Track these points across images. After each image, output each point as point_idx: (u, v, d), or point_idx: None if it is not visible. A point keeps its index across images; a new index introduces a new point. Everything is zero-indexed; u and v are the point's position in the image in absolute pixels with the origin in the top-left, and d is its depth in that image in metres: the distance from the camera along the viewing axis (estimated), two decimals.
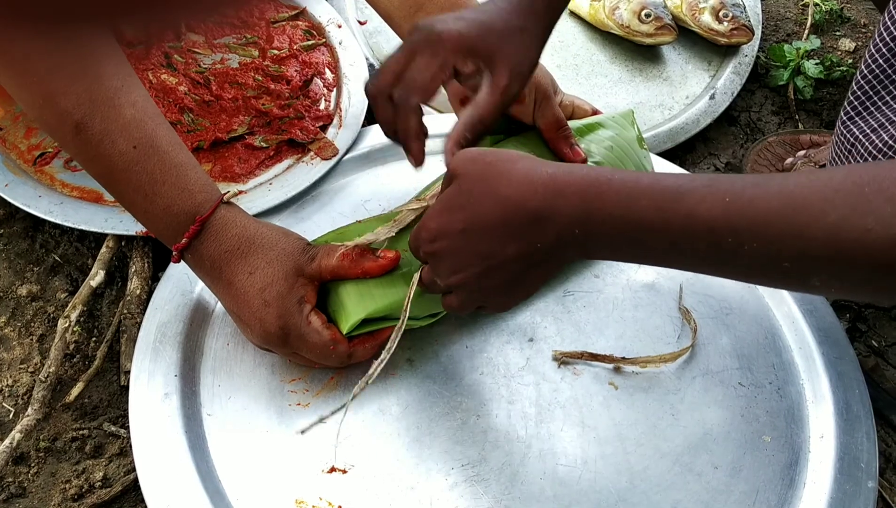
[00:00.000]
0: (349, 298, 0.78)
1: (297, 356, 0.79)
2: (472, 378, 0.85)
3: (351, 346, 0.78)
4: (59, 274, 1.00)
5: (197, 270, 0.79)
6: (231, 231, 0.77)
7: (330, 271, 0.77)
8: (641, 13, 1.28)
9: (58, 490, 0.84)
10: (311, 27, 1.21)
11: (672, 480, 0.80)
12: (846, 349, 0.92)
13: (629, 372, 0.87)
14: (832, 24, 1.49)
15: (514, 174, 0.66)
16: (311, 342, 0.76)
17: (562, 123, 0.90)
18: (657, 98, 1.28)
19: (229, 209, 0.79)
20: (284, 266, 0.76)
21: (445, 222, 0.69)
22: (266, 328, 0.76)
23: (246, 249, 0.77)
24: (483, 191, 0.67)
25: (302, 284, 0.76)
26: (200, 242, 0.77)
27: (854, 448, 0.83)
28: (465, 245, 0.68)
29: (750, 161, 1.24)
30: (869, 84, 0.90)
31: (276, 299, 0.75)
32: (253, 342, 0.80)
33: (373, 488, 0.77)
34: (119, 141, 0.74)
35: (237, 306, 0.77)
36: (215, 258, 0.77)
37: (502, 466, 0.79)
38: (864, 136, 0.90)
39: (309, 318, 0.76)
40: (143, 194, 0.75)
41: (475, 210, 0.67)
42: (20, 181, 0.98)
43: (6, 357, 0.93)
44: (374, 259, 0.78)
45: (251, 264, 0.76)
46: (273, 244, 0.77)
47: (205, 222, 0.76)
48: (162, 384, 0.81)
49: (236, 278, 0.76)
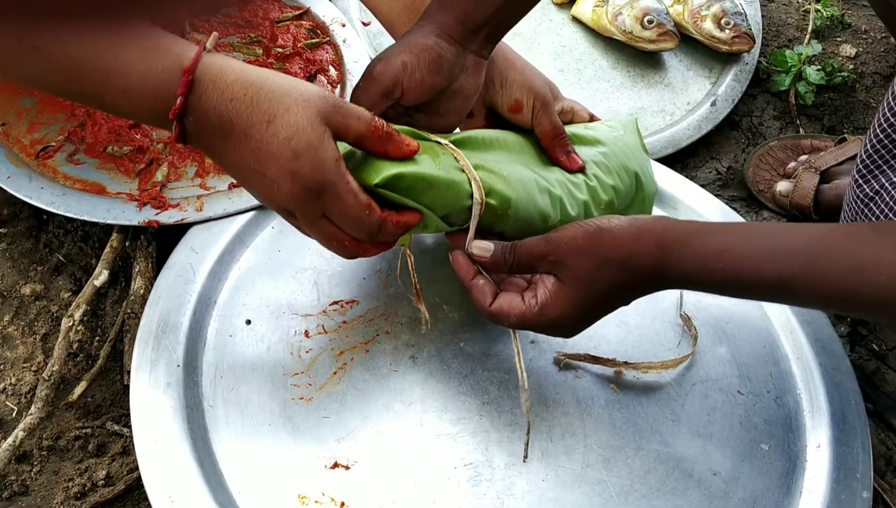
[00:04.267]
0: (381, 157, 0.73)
1: (318, 223, 0.72)
2: (475, 378, 0.86)
3: (383, 215, 0.72)
4: (63, 274, 1.00)
5: (203, 136, 0.69)
6: (229, 77, 0.67)
7: (355, 134, 0.70)
8: (644, 19, 1.29)
9: (60, 489, 0.85)
10: (315, 26, 1.21)
11: (672, 485, 0.81)
12: (842, 360, 0.93)
13: (630, 377, 0.88)
14: (833, 30, 1.49)
15: (621, 242, 0.72)
16: (346, 202, 0.69)
17: (559, 132, 0.90)
18: (659, 104, 1.29)
19: (217, 56, 0.68)
20: (307, 112, 0.68)
21: (562, 306, 0.73)
22: (299, 182, 0.68)
23: (255, 94, 0.67)
24: (591, 268, 0.72)
25: (330, 135, 0.69)
26: (197, 97, 0.66)
27: (850, 459, 0.85)
28: (579, 314, 0.74)
29: (751, 166, 1.25)
30: (888, 137, 0.90)
31: (307, 150, 0.67)
32: (276, 202, 0.71)
33: (376, 485, 0.78)
34: (69, 35, 0.65)
35: (259, 162, 0.68)
36: (221, 111, 0.67)
37: (504, 466, 0.80)
38: (890, 185, 0.90)
39: (347, 176, 0.69)
40: (115, 72, 0.65)
41: (587, 290, 0.72)
42: (22, 174, 0.98)
43: (10, 356, 0.93)
44: (400, 142, 0.72)
45: (266, 110, 0.67)
46: (286, 89, 0.68)
47: (193, 71, 0.66)
48: (164, 374, 0.82)
49: (253, 130, 0.67)
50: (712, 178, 1.26)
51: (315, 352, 0.85)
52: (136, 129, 1.04)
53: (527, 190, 0.82)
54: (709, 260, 0.70)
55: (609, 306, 0.75)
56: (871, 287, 0.65)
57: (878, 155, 0.92)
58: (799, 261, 0.67)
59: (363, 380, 0.84)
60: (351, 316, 0.88)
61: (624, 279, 0.72)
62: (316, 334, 0.87)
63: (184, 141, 0.69)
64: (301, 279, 0.91)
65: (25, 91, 1.06)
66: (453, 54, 0.80)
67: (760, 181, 1.23)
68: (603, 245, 0.72)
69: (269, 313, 0.88)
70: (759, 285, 0.70)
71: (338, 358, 0.85)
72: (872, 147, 0.92)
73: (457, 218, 0.78)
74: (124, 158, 1.01)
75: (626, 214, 0.99)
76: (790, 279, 0.67)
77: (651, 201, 1.02)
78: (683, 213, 1.06)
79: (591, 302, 0.73)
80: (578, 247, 0.72)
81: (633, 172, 0.96)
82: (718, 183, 1.26)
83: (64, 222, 1.03)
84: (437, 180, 0.74)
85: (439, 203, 0.75)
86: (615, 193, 0.94)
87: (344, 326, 0.88)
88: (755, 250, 0.69)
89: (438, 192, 0.74)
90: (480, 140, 0.83)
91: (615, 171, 0.94)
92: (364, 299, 0.90)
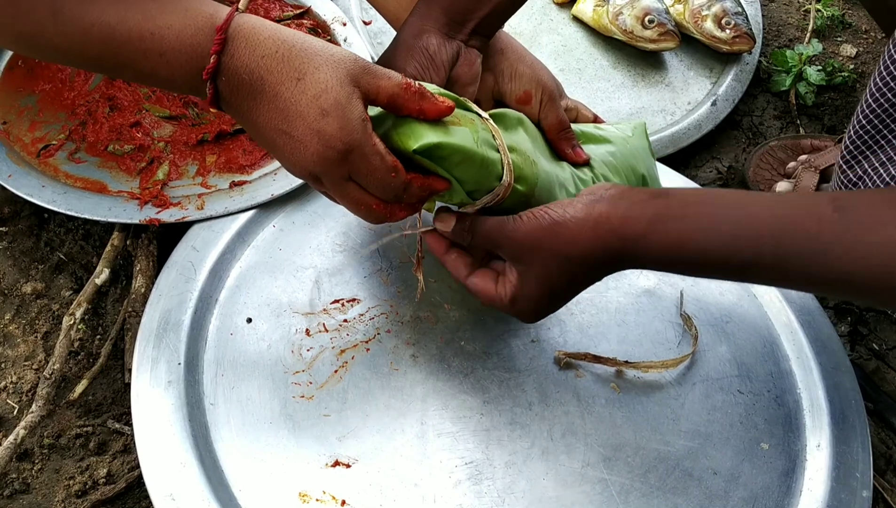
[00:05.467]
0: (420, 122, 0.71)
1: (344, 186, 0.71)
2: (476, 377, 0.86)
3: (409, 177, 0.71)
4: (64, 272, 1.00)
5: (235, 97, 0.68)
6: (262, 34, 0.67)
7: (387, 94, 0.69)
8: (645, 19, 1.29)
9: (61, 487, 0.85)
10: (316, 25, 1.21)
11: (672, 484, 0.81)
12: (842, 359, 0.93)
13: (631, 376, 0.88)
14: (834, 30, 1.50)
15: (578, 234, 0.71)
16: (373, 164, 0.68)
17: (565, 125, 0.91)
18: (659, 103, 1.29)
19: (250, 17, 0.68)
20: (337, 72, 0.67)
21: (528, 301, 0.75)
22: (327, 141, 0.67)
23: (286, 52, 0.67)
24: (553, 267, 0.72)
25: (359, 96, 0.68)
26: (230, 55, 0.66)
27: (849, 458, 0.85)
28: (547, 305, 0.76)
29: (752, 165, 1.25)
30: (871, 123, 0.91)
31: (334, 108, 0.66)
32: (302, 165, 0.70)
33: (376, 483, 0.78)
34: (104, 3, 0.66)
35: (287, 121, 0.67)
36: (252, 68, 0.66)
37: (505, 465, 0.80)
38: (872, 170, 0.91)
39: (373, 137, 0.68)
40: (151, 35, 0.66)
41: (551, 284, 0.73)
42: (24, 172, 0.98)
43: (11, 355, 0.93)
44: (434, 100, 0.71)
45: (297, 68, 0.67)
46: (318, 49, 0.68)
47: (226, 29, 0.66)
48: (165, 372, 0.82)
49: (282, 88, 0.67)
50: (713, 177, 1.27)
51: (316, 350, 0.86)
52: (138, 127, 1.04)
53: (549, 180, 0.82)
54: (672, 251, 0.70)
55: (574, 294, 0.76)
56: (835, 273, 0.67)
57: (861, 141, 0.93)
58: (764, 247, 0.68)
59: (364, 378, 0.84)
60: (352, 315, 0.89)
61: (585, 273, 0.73)
62: (317, 332, 0.87)
63: (217, 104, 0.69)
64: (302, 278, 0.91)
65: (26, 90, 1.06)
66: (445, 49, 0.82)
67: (761, 181, 1.23)
68: (559, 240, 0.71)
69: (270, 312, 0.88)
70: (725, 271, 0.71)
71: (339, 357, 0.85)
72: (856, 133, 0.93)
73: (481, 195, 0.77)
74: (125, 156, 1.01)
75: None
76: (755, 265, 0.69)
77: None
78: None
79: (554, 295, 0.75)
80: (535, 243, 0.72)
81: (641, 174, 0.97)
82: (719, 183, 1.26)
83: (65, 221, 1.03)
84: (474, 156, 0.73)
85: (471, 178, 0.74)
86: None
87: (345, 324, 0.88)
88: (718, 240, 0.69)
89: (472, 167, 0.73)
90: (514, 119, 0.83)
91: (623, 172, 0.94)
92: (365, 297, 0.90)
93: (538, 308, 0.76)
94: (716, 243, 0.69)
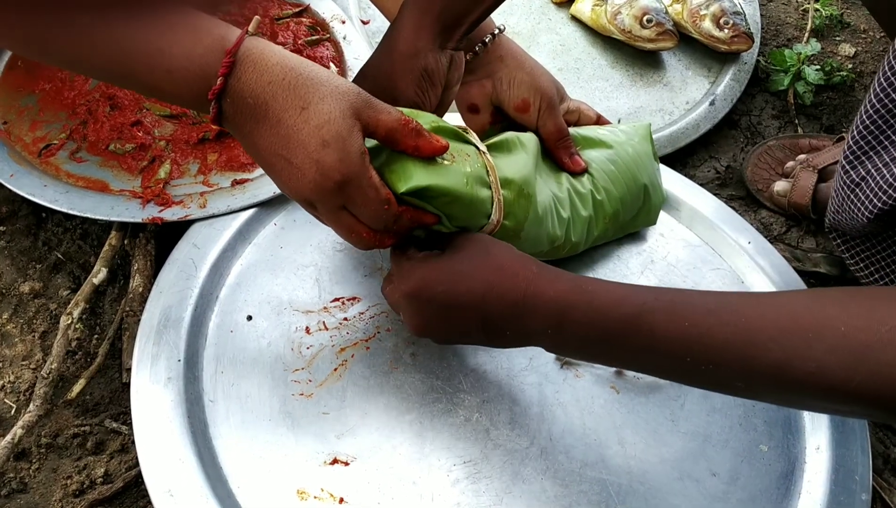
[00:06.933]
0: (413, 162, 0.73)
1: (338, 214, 0.72)
2: (475, 376, 0.86)
3: (400, 210, 0.73)
4: (62, 271, 1.00)
5: (238, 118, 0.69)
6: (270, 60, 0.68)
7: (386, 129, 0.71)
8: (643, 18, 1.29)
9: (59, 486, 0.85)
10: (315, 23, 1.22)
11: (671, 485, 0.81)
12: None
13: (630, 377, 0.88)
14: (832, 29, 1.50)
15: (505, 260, 0.73)
16: (368, 196, 0.70)
17: (563, 133, 0.91)
18: (657, 103, 1.29)
19: (259, 41, 0.69)
20: (340, 104, 0.68)
21: (428, 291, 0.74)
22: (325, 172, 0.68)
23: (293, 80, 0.68)
24: (472, 267, 0.72)
25: (359, 129, 0.69)
26: (237, 78, 0.67)
27: (849, 461, 0.85)
28: (440, 315, 0.74)
29: (750, 165, 1.25)
30: (875, 124, 0.91)
31: (336, 140, 0.67)
32: (299, 192, 0.71)
33: (374, 481, 0.78)
34: (117, 18, 0.66)
35: (288, 148, 0.68)
36: (258, 93, 0.67)
37: (503, 464, 0.80)
38: (875, 170, 0.91)
39: (370, 170, 0.70)
40: (160, 52, 0.66)
41: (458, 287, 0.72)
42: (25, 172, 0.98)
43: (8, 354, 0.93)
44: (429, 139, 0.73)
45: (302, 97, 0.67)
46: (323, 79, 0.69)
47: (235, 52, 0.67)
48: (165, 369, 0.82)
49: (286, 115, 0.67)
50: (711, 177, 1.27)
51: (316, 348, 0.86)
52: (138, 126, 1.04)
53: (543, 212, 0.84)
54: (611, 313, 0.69)
55: (471, 325, 0.75)
56: (800, 374, 0.62)
57: (864, 141, 0.93)
58: (726, 333, 0.65)
59: (363, 377, 0.84)
60: (352, 313, 0.89)
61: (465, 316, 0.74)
62: (317, 330, 0.87)
63: (219, 123, 0.69)
64: (302, 276, 0.91)
65: (27, 89, 1.06)
66: (441, 64, 0.82)
67: (759, 180, 1.24)
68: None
69: (270, 310, 0.88)
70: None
71: (338, 355, 0.85)
72: (859, 133, 0.93)
73: (471, 228, 0.79)
74: (127, 155, 1.01)
75: (632, 223, 0.99)
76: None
77: (657, 212, 1.02)
78: (684, 212, 1.06)
79: (452, 297, 0.74)
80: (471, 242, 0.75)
81: (643, 184, 0.97)
82: (717, 182, 1.26)
83: (63, 220, 1.03)
84: (463, 197, 0.75)
85: (460, 215, 0.76)
86: (621, 203, 0.95)
87: (345, 323, 0.88)
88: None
89: (461, 206, 0.75)
90: (514, 141, 0.85)
91: (623, 180, 0.95)
92: (365, 296, 0.90)
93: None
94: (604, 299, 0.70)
